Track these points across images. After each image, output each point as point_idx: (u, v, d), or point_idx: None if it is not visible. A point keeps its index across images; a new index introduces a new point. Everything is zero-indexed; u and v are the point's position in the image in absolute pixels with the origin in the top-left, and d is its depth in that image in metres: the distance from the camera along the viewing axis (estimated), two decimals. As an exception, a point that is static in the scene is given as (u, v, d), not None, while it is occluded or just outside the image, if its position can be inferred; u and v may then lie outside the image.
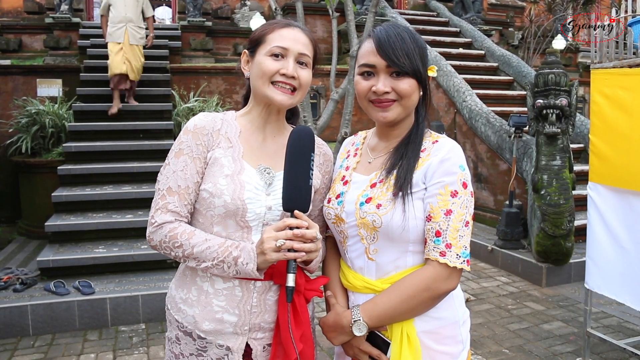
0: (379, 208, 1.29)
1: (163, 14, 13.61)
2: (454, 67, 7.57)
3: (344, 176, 1.45)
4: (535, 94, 4.80)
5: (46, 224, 4.51)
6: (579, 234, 4.77)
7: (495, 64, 8.47)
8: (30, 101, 6.32)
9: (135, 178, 5.31)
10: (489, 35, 9.63)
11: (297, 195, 1.26)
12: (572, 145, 5.62)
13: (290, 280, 1.23)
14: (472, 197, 1.31)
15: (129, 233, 4.62)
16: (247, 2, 9.47)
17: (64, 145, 5.60)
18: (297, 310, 1.34)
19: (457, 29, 9.54)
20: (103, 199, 4.92)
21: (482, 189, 6.56)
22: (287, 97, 1.38)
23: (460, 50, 8.77)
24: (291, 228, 1.24)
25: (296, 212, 1.26)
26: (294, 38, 1.38)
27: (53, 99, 6.55)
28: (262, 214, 1.35)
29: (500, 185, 6.25)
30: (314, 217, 1.47)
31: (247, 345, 1.38)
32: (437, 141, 1.34)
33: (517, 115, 5.43)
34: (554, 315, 4.09)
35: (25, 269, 4.36)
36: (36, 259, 4.31)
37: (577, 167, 5.45)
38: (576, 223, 4.71)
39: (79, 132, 5.80)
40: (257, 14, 7.34)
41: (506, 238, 5.28)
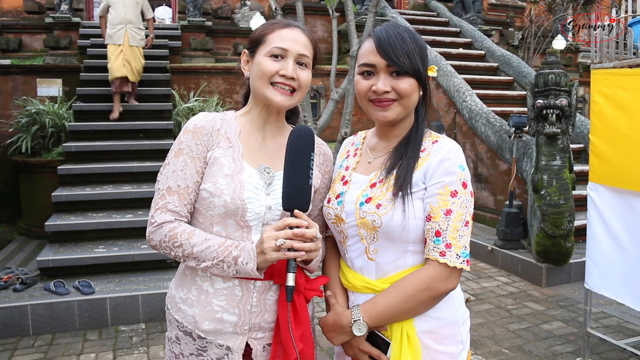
0: (378, 208, 1.29)
1: (163, 14, 13.60)
2: (454, 67, 7.57)
3: (344, 176, 1.45)
4: (535, 94, 4.80)
5: (46, 223, 4.51)
6: (579, 234, 4.77)
7: (495, 64, 8.47)
8: (30, 101, 6.32)
9: (135, 178, 5.31)
10: (489, 36, 9.62)
11: (297, 194, 1.26)
12: (572, 146, 5.62)
13: (290, 280, 1.23)
14: (472, 197, 1.31)
15: (129, 233, 4.62)
16: (247, 2, 9.47)
17: (64, 145, 5.60)
18: (297, 309, 1.34)
19: (457, 29, 9.54)
20: (103, 199, 4.92)
21: (482, 189, 6.56)
22: (286, 98, 1.38)
23: (460, 51, 8.77)
24: (291, 227, 1.24)
25: (296, 211, 1.26)
26: (293, 39, 1.38)
27: (53, 99, 6.55)
28: (262, 213, 1.35)
29: (500, 185, 6.25)
30: (313, 217, 1.47)
31: (247, 345, 1.38)
32: (436, 141, 1.35)
33: (517, 115, 5.43)
34: (554, 316, 4.09)
35: (25, 269, 4.35)
36: (36, 258, 4.31)
37: (577, 167, 5.45)
38: (576, 223, 4.71)
39: (79, 131, 5.80)
40: (257, 14, 7.34)
41: (506, 238, 5.28)
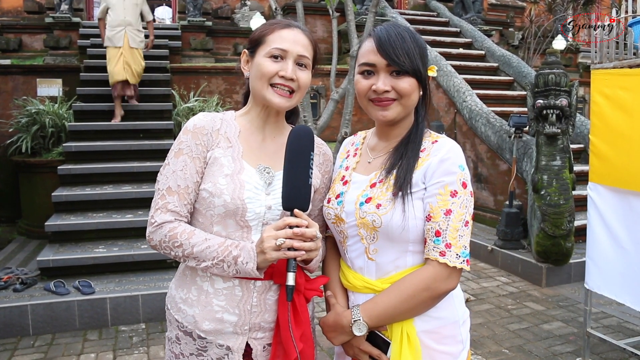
0: (378, 208, 1.29)
1: (163, 14, 13.59)
2: (454, 67, 7.57)
3: (344, 176, 1.45)
4: (535, 94, 4.80)
5: (46, 223, 4.51)
6: (579, 234, 4.77)
7: (495, 64, 8.46)
8: (30, 101, 6.32)
9: (135, 178, 5.31)
10: (489, 36, 9.63)
11: (297, 194, 1.26)
12: (572, 146, 5.61)
13: (290, 279, 1.23)
14: (472, 197, 1.31)
15: (129, 233, 4.62)
16: (247, 2, 9.48)
17: (64, 145, 5.60)
18: (297, 309, 1.34)
19: (457, 29, 9.54)
20: (103, 199, 4.92)
21: (482, 189, 6.56)
22: (284, 99, 1.38)
23: (461, 51, 8.77)
24: (291, 227, 1.24)
25: (296, 211, 1.26)
26: (293, 39, 1.38)
27: (53, 99, 6.54)
28: (262, 213, 1.35)
29: (500, 185, 6.25)
30: (313, 216, 1.47)
31: (247, 344, 1.38)
32: (436, 141, 1.35)
33: (517, 115, 5.43)
34: (554, 316, 4.09)
35: (25, 269, 4.35)
36: (36, 258, 4.31)
37: (577, 167, 5.45)
38: (576, 223, 4.71)
39: (79, 131, 5.80)
40: (257, 14, 7.34)
41: (506, 238, 5.28)
